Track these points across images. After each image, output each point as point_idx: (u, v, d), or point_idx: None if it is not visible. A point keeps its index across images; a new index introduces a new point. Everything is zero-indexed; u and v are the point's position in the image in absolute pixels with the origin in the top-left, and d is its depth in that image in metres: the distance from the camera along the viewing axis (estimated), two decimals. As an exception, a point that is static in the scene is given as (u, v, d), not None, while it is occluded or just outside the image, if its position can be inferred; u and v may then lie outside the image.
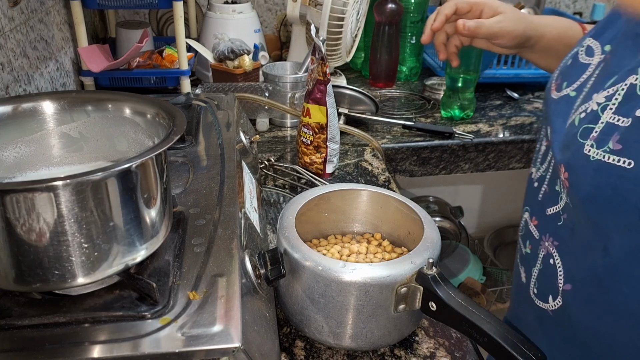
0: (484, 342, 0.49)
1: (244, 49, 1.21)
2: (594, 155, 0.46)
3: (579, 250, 0.53)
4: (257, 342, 0.47)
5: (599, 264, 0.50)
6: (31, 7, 0.96)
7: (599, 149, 0.46)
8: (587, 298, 0.54)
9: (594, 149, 0.46)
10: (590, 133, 0.47)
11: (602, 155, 0.45)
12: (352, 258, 0.63)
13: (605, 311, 0.52)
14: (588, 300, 0.54)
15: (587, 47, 0.56)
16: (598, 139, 0.46)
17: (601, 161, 0.45)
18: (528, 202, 0.64)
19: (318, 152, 0.94)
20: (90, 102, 0.57)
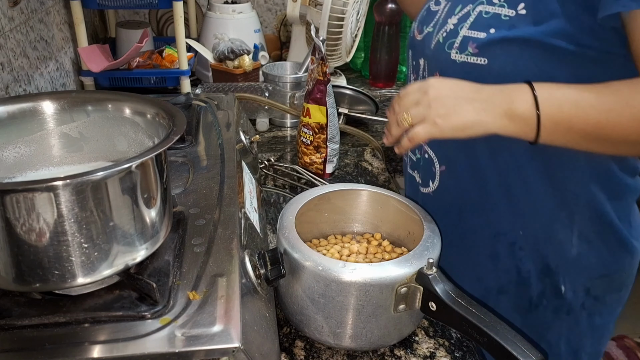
0: (483, 342, 0.49)
1: (244, 49, 1.21)
2: (459, 59, 0.64)
3: None
4: (257, 342, 0.47)
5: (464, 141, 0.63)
6: (31, 7, 0.96)
7: (461, 54, 0.64)
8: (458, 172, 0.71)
9: (458, 54, 0.64)
10: (453, 45, 0.65)
11: (465, 57, 0.64)
12: (352, 258, 0.63)
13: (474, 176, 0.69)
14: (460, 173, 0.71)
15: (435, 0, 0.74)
16: (459, 48, 0.64)
17: (465, 62, 0.64)
18: None
19: (318, 152, 0.94)
20: (90, 102, 0.57)
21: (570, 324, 0.73)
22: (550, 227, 0.68)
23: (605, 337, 0.78)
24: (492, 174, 0.68)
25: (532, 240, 0.70)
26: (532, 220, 0.69)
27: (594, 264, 0.70)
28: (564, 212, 0.68)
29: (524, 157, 0.65)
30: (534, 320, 0.73)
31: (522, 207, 0.68)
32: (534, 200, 0.68)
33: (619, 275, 0.73)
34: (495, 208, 0.70)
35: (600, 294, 0.72)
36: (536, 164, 0.65)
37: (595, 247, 0.69)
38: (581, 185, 0.66)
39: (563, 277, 0.70)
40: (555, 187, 0.67)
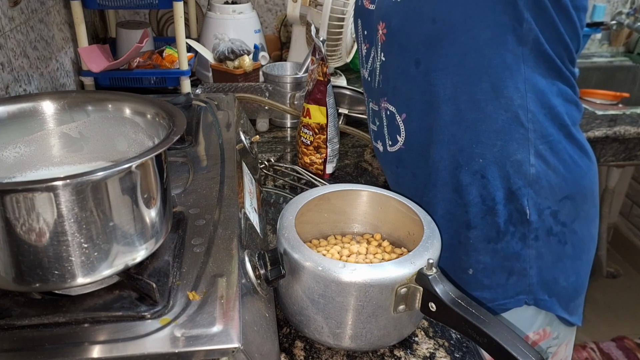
0: (483, 343, 0.49)
1: (244, 49, 1.21)
2: None
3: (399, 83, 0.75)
4: (256, 343, 0.47)
5: (416, 75, 0.72)
6: (31, 7, 0.96)
7: None
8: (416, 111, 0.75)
9: None
10: None
11: None
12: (352, 258, 0.63)
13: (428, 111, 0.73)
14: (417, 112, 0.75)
15: None
16: None
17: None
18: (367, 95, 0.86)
19: (318, 152, 0.94)
20: (90, 102, 0.57)
21: (539, 252, 0.74)
22: (507, 149, 0.71)
23: (580, 274, 0.79)
24: (445, 104, 0.71)
25: (492, 166, 0.72)
26: (488, 145, 0.71)
27: (554, 184, 0.72)
28: (517, 130, 0.70)
29: (472, 78, 0.69)
30: (503, 250, 0.74)
31: (477, 133, 0.71)
32: (486, 122, 0.70)
33: (582, 197, 0.75)
34: (453, 139, 0.73)
35: (567, 220, 0.74)
36: (483, 84, 0.68)
37: (552, 165, 0.72)
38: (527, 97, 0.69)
39: (527, 200, 0.72)
40: (503, 104, 0.69)
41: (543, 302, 0.76)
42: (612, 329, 1.91)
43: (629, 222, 2.30)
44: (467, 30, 0.67)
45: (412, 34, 0.71)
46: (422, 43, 0.70)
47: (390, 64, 0.77)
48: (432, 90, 0.72)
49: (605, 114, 1.39)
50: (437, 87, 0.71)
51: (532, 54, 0.68)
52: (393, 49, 0.75)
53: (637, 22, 1.76)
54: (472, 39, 0.67)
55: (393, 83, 0.77)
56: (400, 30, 0.72)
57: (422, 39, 0.70)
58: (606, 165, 1.76)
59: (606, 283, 2.20)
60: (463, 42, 0.68)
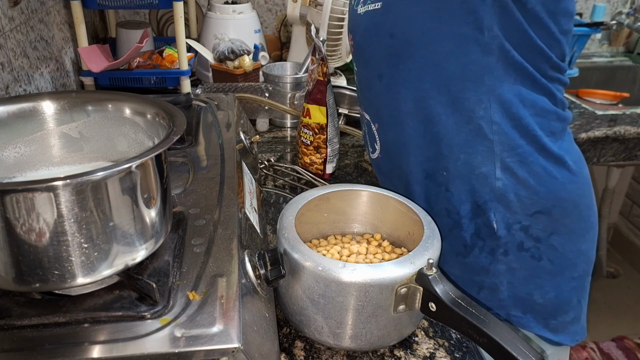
0: (483, 343, 0.49)
1: (244, 49, 1.21)
2: (362, 11, 0.72)
3: (368, 95, 0.77)
4: (256, 343, 0.47)
5: (380, 88, 0.73)
6: (31, 7, 0.96)
7: (363, 6, 0.72)
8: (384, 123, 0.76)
9: (361, 7, 0.72)
10: (359, 0, 0.73)
11: (365, 8, 0.71)
12: (352, 258, 0.63)
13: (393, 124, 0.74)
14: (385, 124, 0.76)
15: None
16: (362, 1, 0.72)
17: (367, 11, 0.71)
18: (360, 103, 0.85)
19: (318, 152, 0.94)
20: (90, 102, 0.57)
21: (510, 267, 0.72)
22: (471, 162, 0.69)
23: (563, 290, 0.75)
24: (408, 118, 0.72)
25: (455, 180, 0.71)
26: (451, 158, 0.70)
27: (524, 198, 0.69)
28: (482, 143, 0.68)
29: (432, 92, 0.68)
30: (472, 264, 0.73)
31: (440, 146, 0.70)
32: (449, 135, 0.69)
33: (561, 210, 0.71)
34: (419, 150, 0.73)
35: (542, 235, 0.71)
36: (442, 97, 0.68)
37: (521, 178, 0.69)
38: (491, 109, 0.67)
39: (494, 214, 0.70)
40: (465, 116, 0.68)
41: (516, 319, 0.74)
42: (612, 328, 1.91)
43: (629, 222, 2.30)
44: (425, 44, 0.66)
45: (374, 48, 0.72)
46: (383, 58, 0.71)
47: (360, 75, 0.78)
48: (395, 104, 0.72)
49: (605, 113, 1.39)
50: (399, 101, 0.71)
51: (499, 63, 0.65)
52: (360, 61, 0.76)
53: (637, 22, 1.76)
54: (431, 53, 0.67)
55: (365, 94, 0.78)
56: (363, 43, 0.74)
57: (383, 53, 0.71)
58: (606, 165, 1.76)
59: (606, 283, 2.20)
60: (421, 56, 0.67)
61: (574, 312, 0.77)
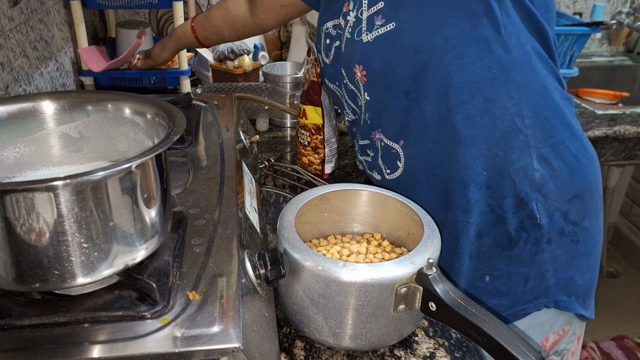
0: (483, 343, 0.49)
1: (244, 49, 1.22)
2: (371, 39, 0.71)
3: (390, 115, 0.76)
4: (256, 342, 0.47)
5: (406, 105, 0.73)
6: (31, 7, 0.96)
7: (371, 32, 0.71)
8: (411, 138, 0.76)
9: (367, 35, 0.72)
10: (361, 30, 0.73)
11: (375, 34, 0.71)
12: (352, 258, 0.63)
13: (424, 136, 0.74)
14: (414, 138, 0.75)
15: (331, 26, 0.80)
16: (367, 29, 0.72)
17: (378, 35, 0.70)
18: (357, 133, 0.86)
19: (316, 152, 0.94)
20: (90, 102, 0.57)
21: (554, 254, 0.74)
22: (509, 158, 0.71)
23: (593, 269, 0.79)
24: (441, 127, 0.72)
25: (497, 177, 0.72)
26: (490, 157, 0.71)
27: (561, 185, 0.72)
28: (517, 137, 0.70)
29: (463, 96, 0.69)
30: (518, 256, 0.75)
31: (477, 148, 0.71)
32: (485, 136, 0.70)
33: (589, 193, 0.76)
34: (454, 158, 0.72)
35: (578, 218, 0.74)
36: (475, 100, 0.69)
37: (556, 167, 0.72)
38: (521, 104, 0.69)
39: (536, 205, 0.72)
40: (498, 115, 0.69)
41: (563, 303, 0.76)
42: (612, 328, 1.91)
43: (629, 221, 2.30)
44: (448, 51, 0.68)
45: (397, 69, 0.72)
46: (408, 75, 0.71)
47: (376, 101, 0.77)
48: (426, 116, 0.72)
49: (605, 113, 1.39)
50: (430, 112, 0.72)
51: (522, 57, 0.68)
52: (378, 87, 0.75)
53: (637, 22, 1.76)
54: (455, 59, 0.68)
55: (385, 117, 0.77)
56: (383, 68, 0.73)
57: (408, 71, 0.71)
58: (606, 164, 1.76)
59: (606, 283, 2.20)
60: (447, 64, 0.68)
61: (595, 287, 0.82)
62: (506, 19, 0.67)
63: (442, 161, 0.74)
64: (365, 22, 0.71)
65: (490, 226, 0.74)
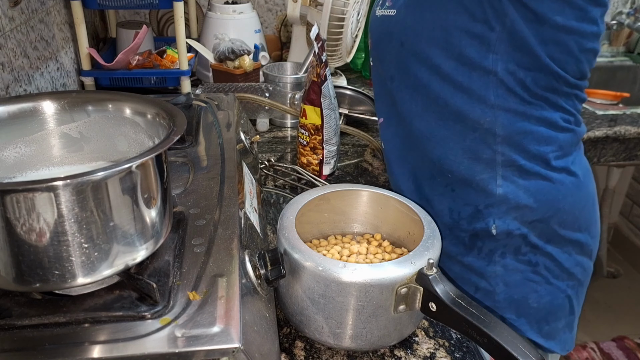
0: (483, 343, 0.49)
1: (245, 49, 1.21)
2: (379, 14, 0.74)
3: (379, 91, 0.80)
4: (257, 343, 0.47)
5: (391, 88, 0.75)
6: (32, 7, 0.96)
7: (381, 9, 0.74)
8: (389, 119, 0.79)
9: (379, 9, 0.75)
10: (378, 2, 0.76)
11: (382, 12, 0.74)
12: (352, 258, 0.63)
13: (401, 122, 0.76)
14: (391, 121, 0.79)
15: None
16: (380, 4, 0.75)
17: (382, 15, 0.73)
18: None
19: (314, 153, 0.94)
20: (91, 102, 0.57)
21: (506, 269, 0.73)
22: (474, 168, 0.71)
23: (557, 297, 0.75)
24: (416, 120, 0.73)
25: (459, 182, 0.72)
26: (456, 162, 0.72)
27: (524, 205, 0.71)
28: (485, 151, 0.69)
29: (439, 100, 0.69)
30: (470, 264, 0.75)
31: (445, 149, 0.72)
32: (454, 140, 0.71)
33: (560, 221, 0.72)
34: (424, 152, 0.74)
35: (539, 242, 0.72)
36: (450, 107, 0.69)
37: (522, 186, 0.70)
38: (496, 123, 0.68)
39: (493, 219, 0.72)
40: (470, 125, 0.69)
41: (510, 322, 0.75)
42: (612, 328, 1.91)
43: (629, 222, 2.30)
44: (432, 57, 0.68)
45: (386, 52, 0.74)
46: (394, 62, 0.73)
47: (375, 72, 0.81)
48: (405, 105, 0.74)
49: (605, 113, 1.39)
50: (408, 103, 0.73)
51: (503, 83, 0.66)
52: (376, 59, 0.79)
53: (637, 22, 1.76)
54: (437, 67, 0.68)
55: (377, 89, 0.81)
56: (377, 46, 0.76)
57: (393, 58, 0.73)
58: (606, 165, 1.76)
59: (606, 283, 2.20)
60: (428, 68, 0.69)
61: (567, 320, 0.78)
62: (500, 47, 0.64)
63: (413, 149, 0.76)
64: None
65: (447, 229, 0.75)
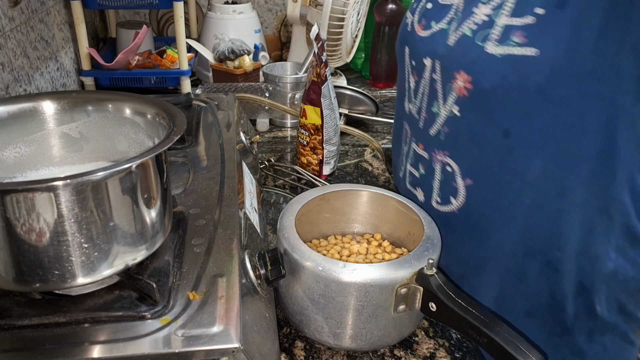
0: (483, 343, 0.49)
1: (244, 49, 1.21)
2: (498, 53, 0.56)
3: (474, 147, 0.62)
4: (257, 343, 0.47)
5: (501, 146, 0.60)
6: (32, 7, 0.96)
7: (500, 45, 0.56)
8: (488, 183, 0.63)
9: (496, 46, 0.56)
10: (488, 36, 0.57)
11: (506, 50, 0.55)
12: (352, 258, 0.63)
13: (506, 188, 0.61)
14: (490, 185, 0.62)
15: None
16: (500, 39, 0.56)
17: (509, 55, 0.55)
18: (413, 135, 0.72)
19: (314, 153, 0.94)
20: (91, 102, 0.57)
21: (605, 346, 0.66)
22: (587, 241, 0.61)
23: None
24: (529, 186, 0.60)
25: (568, 259, 0.62)
26: (569, 236, 0.61)
27: (630, 278, 0.63)
28: (603, 223, 0.60)
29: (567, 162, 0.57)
30: (567, 344, 0.66)
31: (559, 223, 0.60)
32: (573, 212, 0.60)
33: None
34: (529, 223, 0.62)
35: (633, 310, 0.65)
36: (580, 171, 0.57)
37: (631, 258, 0.62)
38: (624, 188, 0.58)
39: (599, 296, 0.63)
40: (594, 194, 0.59)
41: None
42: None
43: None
44: (576, 107, 0.55)
45: (508, 101, 0.57)
46: (518, 114, 0.57)
47: (466, 124, 0.62)
48: (517, 167, 0.60)
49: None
50: (524, 165, 0.59)
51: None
52: (477, 110, 0.60)
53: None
54: (580, 119, 0.55)
55: (467, 145, 0.63)
56: (494, 93, 0.58)
57: (520, 107, 0.57)
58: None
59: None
60: (568, 120, 0.56)
61: None
62: None
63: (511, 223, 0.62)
64: (500, 31, 0.56)
65: (544, 310, 0.65)
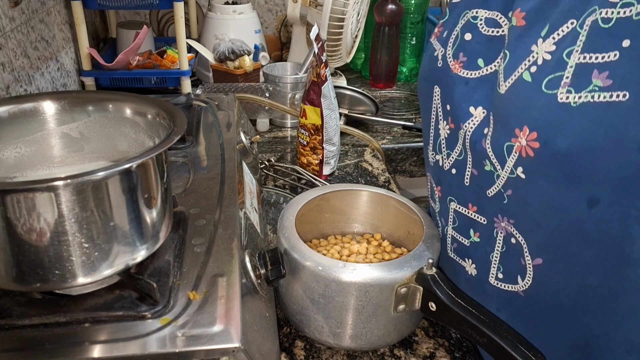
0: (483, 343, 0.49)
1: (245, 49, 1.22)
2: (576, 101, 0.43)
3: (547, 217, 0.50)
4: (257, 342, 0.47)
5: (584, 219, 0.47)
6: (32, 7, 0.96)
7: (580, 92, 0.42)
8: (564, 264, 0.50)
9: (574, 93, 0.43)
10: (560, 80, 0.44)
11: (584, 96, 0.42)
12: (352, 258, 0.63)
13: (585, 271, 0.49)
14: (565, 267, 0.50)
15: (485, 19, 0.53)
16: (574, 83, 0.43)
17: (589, 102, 0.42)
18: (448, 192, 0.60)
19: (314, 153, 0.94)
20: (91, 102, 0.57)
21: None
22: None
23: None
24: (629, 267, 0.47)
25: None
26: None
27: None
28: None
29: None
30: None
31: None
32: None
33: None
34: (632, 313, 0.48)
35: None
36: None
37: None
38: None
39: None
40: None
41: None
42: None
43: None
44: None
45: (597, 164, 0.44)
46: (611, 178, 0.44)
47: (534, 189, 0.49)
48: (609, 242, 0.47)
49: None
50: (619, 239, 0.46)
51: None
52: (550, 175, 0.47)
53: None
54: None
55: (536, 216, 0.50)
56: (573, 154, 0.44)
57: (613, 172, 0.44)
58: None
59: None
60: None
61: None
62: None
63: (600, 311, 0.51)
64: (573, 72, 0.43)
65: None
